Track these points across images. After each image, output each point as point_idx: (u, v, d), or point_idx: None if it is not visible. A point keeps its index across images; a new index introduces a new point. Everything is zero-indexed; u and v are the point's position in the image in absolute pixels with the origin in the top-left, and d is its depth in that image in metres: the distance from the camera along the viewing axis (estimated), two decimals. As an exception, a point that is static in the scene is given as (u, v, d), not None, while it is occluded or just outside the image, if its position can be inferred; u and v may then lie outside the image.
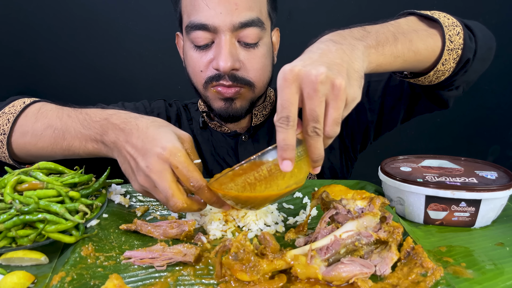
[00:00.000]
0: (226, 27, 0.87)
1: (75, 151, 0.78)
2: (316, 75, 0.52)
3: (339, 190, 0.67)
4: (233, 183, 0.61)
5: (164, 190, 0.65)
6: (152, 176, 0.65)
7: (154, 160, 0.65)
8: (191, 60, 0.96)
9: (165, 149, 0.65)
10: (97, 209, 0.72)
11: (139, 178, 0.67)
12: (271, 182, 0.59)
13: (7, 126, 0.81)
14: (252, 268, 0.53)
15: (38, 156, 0.82)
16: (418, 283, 0.54)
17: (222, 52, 0.88)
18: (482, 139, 2.10)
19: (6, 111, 0.83)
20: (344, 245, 0.58)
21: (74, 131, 0.77)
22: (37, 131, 0.80)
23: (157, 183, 0.65)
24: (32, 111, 0.83)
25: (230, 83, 0.92)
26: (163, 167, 0.65)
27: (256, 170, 0.59)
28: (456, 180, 0.74)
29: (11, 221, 0.63)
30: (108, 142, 0.73)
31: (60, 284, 0.54)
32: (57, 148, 0.79)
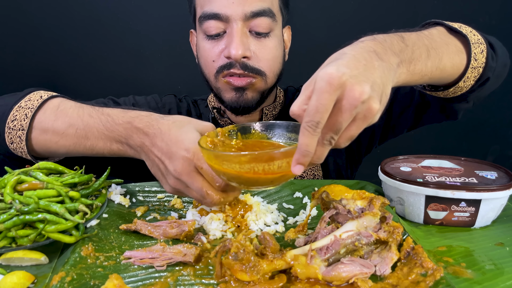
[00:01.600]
0: (238, 16, 0.89)
1: (99, 151, 0.79)
2: (361, 93, 0.50)
3: (339, 190, 0.67)
4: (235, 163, 0.59)
5: (198, 190, 0.67)
6: (182, 178, 0.67)
7: (180, 163, 0.67)
8: (203, 51, 0.96)
9: (189, 151, 0.67)
10: (97, 209, 0.72)
11: (170, 180, 0.69)
12: (269, 166, 0.58)
13: (25, 122, 0.80)
14: (252, 268, 0.53)
15: (57, 153, 0.83)
16: (418, 283, 0.54)
17: (234, 40, 0.89)
18: (482, 139, 2.10)
19: (23, 105, 0.81)
20: (344, 245, 0.58)
21: (98, 132, 0.77)
22: (59, 129, 0.79)
23: (189, 184, 0.67)
24: (51, 108, 0.82)
25: (241, 72, 0.92)
26: (191, 168, 0.67)
27: (263, 156, 0.57)
28: (456, 180, 0.74)
29: (11, 221, 0.63)
30: (134, 145, 0.74)
31: (60, 284, 0.54)
32: (80, 148, 0.80)
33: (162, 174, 0.71)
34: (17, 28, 1.80)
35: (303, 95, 0.54)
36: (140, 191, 0.87)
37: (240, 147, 0.69)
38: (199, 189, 0.67)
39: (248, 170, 0.57)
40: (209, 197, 0.67)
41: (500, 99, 2.03)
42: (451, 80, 0.80)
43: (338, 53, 0.58)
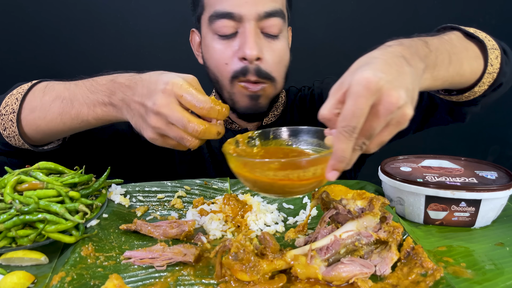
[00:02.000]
0: (251, 16, 0.88)
1: (84, 118, 0.77)
2: (397, 99, 0.50)
3: (339, 190, 0.67)
4: (269, 170, 0.57)
5: (178, 119, 0.64)
6: (162, 110, 0.64)
7: (159, 96, 0.64)
8: (214, 52, 0.94)
9: (167, 83, 0.65)
10: (97, 209, 0.72)
11: (151, 120, 0.65)
12: (294, 173, 0.57)
13: (16, 105, 0.80)
14: (252, 268, 0.53)
15: (47, 132, 0.82)
16: (418, 283, 0.54)
17: (248, 40, 0.88)
18: (482, 139, 2.10)
19: (14, 93, 0.83)
20: (344, 245, 0.58)
21: (82, 98, 0.76)
22: (46, 104, 0.79)
23: (169, 116, 0.64)
24: (40, 88, 0.82)
25: (255, 78, 0.91)
26: (170, 99, 0.64)
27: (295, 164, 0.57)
28: (456, 180, 0.74)
29: (11, 221, 0.63)
30: (117, 101, 0.72)
31: (60, 284, 0.54)
32: (65, 118, 0.78)
33: (143, 119, 0.67)
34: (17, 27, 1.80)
35: (333, 99, 0.53)
36: (140, 191, 0.87)
37: (263, 154, 0.67)
38: (179, 119, 0.63)
39: (283, 177, 0.56)
40: (191, 126, 0.63)
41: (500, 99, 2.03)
42: (467, 85, 0.81)
43: (367, 57, 0.57)
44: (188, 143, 0.65)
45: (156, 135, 0.67)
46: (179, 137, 0.65)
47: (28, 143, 0.83)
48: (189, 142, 0.65)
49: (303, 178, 0.56)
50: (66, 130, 0.81)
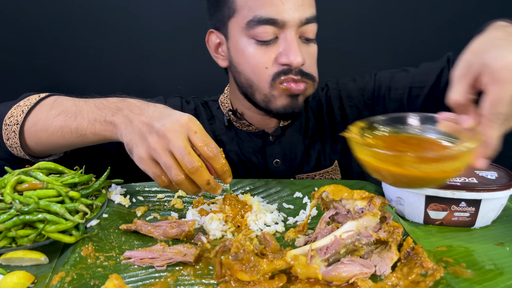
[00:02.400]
0: (294, 22, 0.87)
1: (82, 132, 0.77)
2: None
3: (339, 190, 0.67)
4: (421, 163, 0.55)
5: (180, 147, 0.64)
6: (168, 134, 0.65)
7: (172, 121, 0.66)
8: (252, 57, 0.92)
9: (183, 115, 0.67)
10: (97, 209, 0.72)
11: (151, 140, 0.66)
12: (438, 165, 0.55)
13: (20, 117, 0.81)
14: (252, 268, 0.53)
15: (47, 145, 0.82)
16: (418, 283, 0.54)
17: (293, 47, 0.88)
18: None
19: (21, 104, 0.83)
20: (344, 245, 0.58)
21: (87, 112, 0.77)
22: (50, 117, 0.80)
23: (172, 141, 0.64)
24: (48, 102, 0.83)
25: (298, 77, 0.90)
26: (181, 129, 0.66)
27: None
28: (456, 180, 0.74)
29: (11, 221, 0.63)
30: (119, 118, 0.72)
31: (60, 284, 0.54)
32: (66, 131, 0.78)
33: (141, 137, 0.67)
34: (17, 28, 1.80)
35: (463, 84, 0.53)
36: (140, 191, 0.87)
37: (401, 144, 0.64)
38: (181, 147, 0.64)
39: (431, 170, 0.55)
40: (188, 158, 0.64)
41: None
42: None
43: (489, 38, 0.58)
44: (173, 174, 0.65)
45: (146, 156, 0.67)
46: (169, 165, 0.65)
47: (29, 154, 0.84)
48: (175, 174, 0.65)
49: (447, 169, 0.55)
50: (65, 144, 0.81)
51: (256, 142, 1.06)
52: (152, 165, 0.67)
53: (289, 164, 1.05)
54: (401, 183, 0.60)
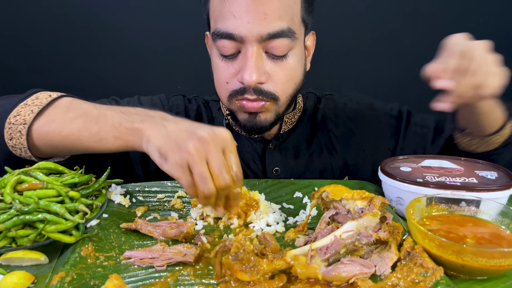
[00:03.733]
0: (253, 38, 0.82)
1: (103, 136, 0.73)
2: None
3: (339, 190, 0.67)
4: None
5: (219, 161, 0.63)
6: (210, 143, 0.63)
7: (215, 132, 0.65)
8: (217, 69, 0.91)
9: (226, 130, 0.66)
10: (97, 209, 0.72)
11: (191, 145, 0.62)
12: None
13: (29, 117, 0.76)
14: (252, 268, 0.53)
15: (58, 147, 0.78)
16: (418, 283, 0.54)
17: (248, 65, 0.83)
18: (482, 139, 2.10)
19: (29, 103, 0.78)
20: (344, 245, 0.58)
21: (111, 117, 0.73)
22: (67, 119, 0.75)
23: (213, 152, 0.63)
24: (63, 104, 0.78)
25: (254, 97, 0.87)
26: (221, 143, 0.65)
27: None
28: (456, 180, 0.74)
29: (11, 221, 0.63)
30: (149, 124, 0.69)
31: (60, 284, 0.54)
32: (83, 135, 0.74)
33: (178, 142, 0.64)
34: (17, 28, 1.80)
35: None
36: (140, 191, 0.87)
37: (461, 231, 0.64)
38: (220, 161, 0.63)
39: (494, 264, 0.55)
40: (225, 174, 0.63)
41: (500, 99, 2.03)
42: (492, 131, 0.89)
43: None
44: (207, 187, 0.63)
45: (184, 163, 0.63)
46: (205, 176, 0.63)
47: (35, 155, 0.79)
48: (208, 188, 0.63)
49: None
50: (78, 148, 0.77)
51: (256, 148, 1.04)
52: (187, 173, 0.64)
53: (290, 173, 1.04)
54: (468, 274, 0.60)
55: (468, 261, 0.56)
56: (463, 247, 0.55)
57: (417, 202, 0.67)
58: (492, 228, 0.65)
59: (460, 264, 0.56)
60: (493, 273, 0.58)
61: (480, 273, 0.57)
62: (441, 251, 0.57)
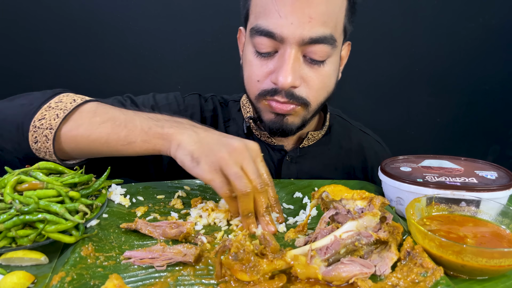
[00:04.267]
0: (294, 40, 0.80)
1: (132, 140, 0.75)
2: None
3: (339, 190, 0.67)
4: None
5: (253, 168, 0.69)
6: (243, 152, 0.68)
7: (245, 143, 0.70)
8: (249, 66, 0.88)
9: (254, 143, 0.73)
10: (97, 209, 0.72)
11: (224, 151, 0.68)
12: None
13: (55, 121, 0.76)
14: (252, 268, 0.53)
15: (85, 151, 0.79)
16: (418, 283, 0.54)
17: (284, 67, 0.81)
18: (482, 139, 2.11)
19: (53, 106, 0.78)
20: (344, 245, 0.58)
21: (140, 122, 0.75)
22: (95, 123, 0.76)
23: (247, 160, 0.68)
24: (89, 109, 0.79)
25: (285, 100, 0.85)
26: (251, 153, 0.70)
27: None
28: (456, 180, 0.74)
29: (11, 221, 0.63)
30: (179, 130, 0.72)
31: (60, 284, 0.54)
32: (112, 139, 0.75)
33: (211, 148, 0.69)
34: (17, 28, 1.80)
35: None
36: (140, 191, 0.87)
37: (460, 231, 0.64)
38: (254, 168, 0.69)
39: (494, 264, 0.55)
40: (260, 179, 0.69)
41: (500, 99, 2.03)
42: None
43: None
44: (243, 184, 0.67)
45: (217, 166, 0.68)
46: (240, 175, 0.67)
47: (59, 158, 0.79)
48: (244, 185, 0.67)
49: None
50: (106, 152, 0.78)
51: (273, 156, 1.02)
52: (220, 174, 0.67)
53: None
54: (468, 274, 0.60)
55: (468, 261, 0.56)
56: (463, 247, 0.55)
57: (417, 202, 0.67)
58: (492, 228, 0.65)
59: (460, 264, 0.56)
60: (493, 273, 0.58)
61: (480, 273, 0.57)
62: (441, 251, 0.57)
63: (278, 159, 1.02)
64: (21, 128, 0.77)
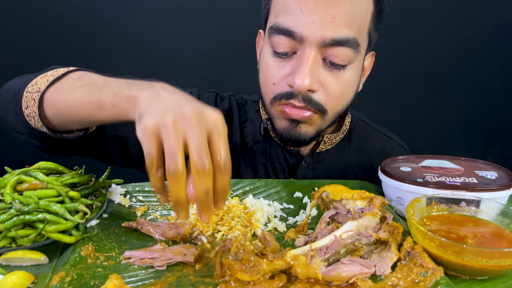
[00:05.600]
0: (315, 40, 0.75)
1: (102, 102, 0.66)
2: None
3: (339, 190, 0.67)
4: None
5: (199, 141, 0.52)
6: (193, 120, 0.52)
7: (203, 110, 0.54)
8: (265, 68, 0.84)
9: (217, 112, 0.55)
10: (97, 209, 0.72)
11: (170, 115, 0.52)
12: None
13: (44, 85, 0.74)
14: (252, 268, 0.53)
15: (65, 116, 0.74)
16: (418, 283, 0.54)
17: (302, 68, 0.76)
18: (482, 139, 2.11)
19: (48, 74, 0.76)
20: (344, 245, 0.58)
21: (115, 85, 0.66)
22: (75, 87, 0.72)
23: (195, 130, 0.52)
24: (76, 75, 0.76)
25: (302, 105, 0.80)
26: (207, 123, 0.53)
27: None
28: (456, 180, 0.74)
29: (11, 221, 0.63)
30: (145, 92, 0.60)
31: (60, 284, 0.54)
32: (85, 102, 0.68)
33: (160, 109, 0.54)
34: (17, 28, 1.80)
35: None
36: (140, 191, 0.87)
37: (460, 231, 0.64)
38: (201, 141, 0.52)
39: (494, 264, 0.55)
40: (204, 156, 0.51)
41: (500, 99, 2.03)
42: None
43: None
44: (176, 162, 0.51)
45: (154, 128, 0.53)
46: (175, 149, 0.51)
47: (46, 126, 0.76)
48: (177, 163, 0.51)
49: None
50: (82, 117, 0.71)
51: (288, 161, 0.99)
52: (154, 140, 0.52)
53: None
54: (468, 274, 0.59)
55: (468, 261, 0.56)
56: (463, 247, 0.55)
57: (417, 202, 0.67)
58: (492, 228, 0.65)
59: (460, 264, 0.56)
60: (493, 273, 0.58)
61: (480, 273, 0.57)
62: (441, 251, 0.57)
63: (294, 163, 0.99)
64: (17, 95, 0.77)
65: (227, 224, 0.72)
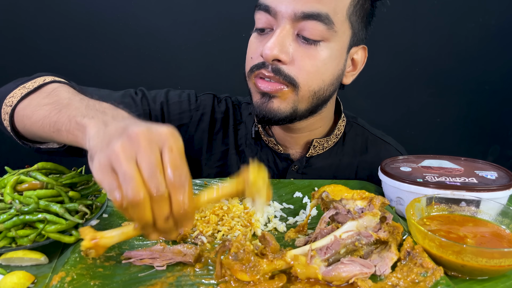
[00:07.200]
0: (287, 14, 0.79)
1: (59, 127, 0.64)
2: None
3: (339, 190, 0.67)
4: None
5: (151, 163, 0.48)
6: (141, 140, 0.49)
7: (150, 128, 0.51)
8: (249, 45, 0.88)
9: (164, 126, 0.52)
10: (97, 209, 0.72)
11: (118, 143, 0.49)
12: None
13: (16, 99, 0.75)
14: (252, 268, 0.53)
15: (31, 133, 0.74)
16: (418, 283, 0.54)
17: (271, 39, 0.80)
18: (482, 139, 2.10)
19: (27, 86, 0.77)
20: (344, 245, 0.58)
21: (74, 109, 0.64)
22: (40, 105, 0.71)
23: (145, 151, 0.48)
24: (47, 89, 0.75)
25: (271, 75, 0.82)
26: (157, 141, 0.50)
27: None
28: (456, 180, 0.74)
29: (11, 221, 0.63)
30: (95, 121, 0.58)
31: (60, 284, 0.54)
32: (45, 123, 0.67)
33: (108, 141, 0.51)
34: (17, 28, 1.80)
35: None
36: (140, 191, 0.86)
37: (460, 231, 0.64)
38: (153, 162, 0.48)
39: (494, 264, 0.55)
40: (158, 180, 0.48)
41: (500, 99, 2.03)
42: None
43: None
44: (132, 189, 0.47)
45: (106, 163, 0.49)
46: (129, 176, 0.47)
47: (21, 138, 0.77)
48: (133, 190, 0.47)
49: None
50: (45, 137, 0.71)
51: (278, 164, 0.99)
52: (109, 175, 0.49)
53: None
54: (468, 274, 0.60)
55: (468, 261, 0.56)
56: (463, 247, 0.55)
57: (417, 202, 0.67)
58: (492, 228, 0.65)
59: (460, 264, 0.56)
60: (493, 273, 0.58)
61: (480, 273, 0.57)
62: (441, 251, 0.57)
63: (283, 167, 0.99)
64: (0, 106, 0.78)
65: (227, 224, 0.72)
